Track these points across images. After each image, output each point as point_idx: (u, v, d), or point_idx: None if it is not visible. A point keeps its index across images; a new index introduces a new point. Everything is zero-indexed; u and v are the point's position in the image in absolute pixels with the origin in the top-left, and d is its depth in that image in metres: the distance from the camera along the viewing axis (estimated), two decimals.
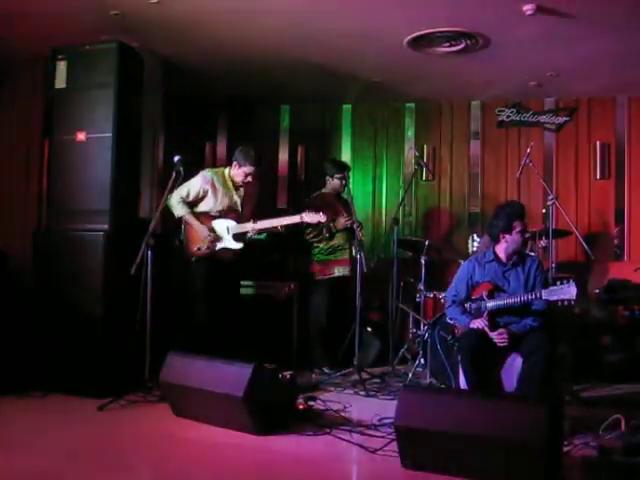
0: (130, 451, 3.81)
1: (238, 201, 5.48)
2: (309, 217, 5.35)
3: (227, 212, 5.41)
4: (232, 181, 5.46)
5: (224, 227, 5.36)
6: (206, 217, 5.35)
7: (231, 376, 4.07)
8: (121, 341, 4.96)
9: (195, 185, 5.33)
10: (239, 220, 5.38)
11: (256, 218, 5.37)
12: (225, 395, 4.02)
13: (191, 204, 5.35)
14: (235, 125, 7.83)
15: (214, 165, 7.15)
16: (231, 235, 5.35)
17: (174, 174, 4.98)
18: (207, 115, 7.68)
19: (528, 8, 4.78)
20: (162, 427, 4.23)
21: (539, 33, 5.28)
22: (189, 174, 5.31)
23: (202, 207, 5.38)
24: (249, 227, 5.34)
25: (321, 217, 5.34)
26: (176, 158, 4.99)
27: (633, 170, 7.01)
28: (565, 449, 3.64)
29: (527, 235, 4.60)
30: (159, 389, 4.64)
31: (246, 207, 5.53)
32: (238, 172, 5.41)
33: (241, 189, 5.49)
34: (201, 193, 5.34)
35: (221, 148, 7.84)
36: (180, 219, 5.33)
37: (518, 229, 4.51)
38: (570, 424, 4.06)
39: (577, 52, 5.70)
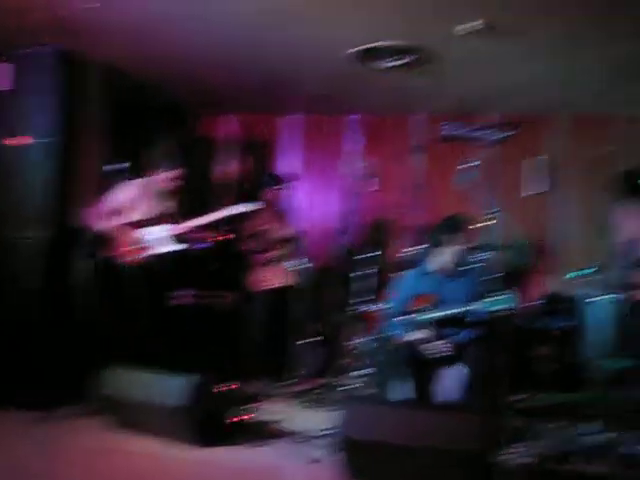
0: (67, 466, 3.71)
1: (169, 207, 5.44)
2: (244, 207, 5.42)
3: (160, 218, 5.35)
4: (161, 187, 5.42)
5: (159, 233, 5.29)
6: (136, 226, 5.27)
7: (172, 388, 4.03)
8: (59, 352, 4.83)
9: (122, 195, 5.24)
10: (174, 224, 5.35)
11: (188, 219, 5.36)
12: (166, 407, 3.97)
13: (121, 214, 5.27)
14: (180, 134, 7.74)
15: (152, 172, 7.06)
16: (169, 238, 5.30)
17: (113, 183, 4.90)
18: (147, 122, 7.56)
19: (473, 25, 4.88)
20: (101, 440, 4.15)
21: (483, 50, 5.38)
22: (127, 181, 5.26)
23: (135, 216, 5.29)
24: (188, 226, 5.32)
25: (257, 204, 5.46)
26: (119, 166, 4.91)
27: (571, 184, 7.19)
28: (502, 458, 3.69)
29: (466, 247, 4.67)
30: (98, 401, 4.53)
31: (175, 210, 5.50)
32: (164, 177, 5.39)
33: (170, 195, 5.46)
34: (128, 201, 5.26)
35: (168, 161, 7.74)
36: (111, 231, 5.22)
37: (458, 241, 4.58)
38: (507, 433, 4.13)
39: (520, 70, 5.83)
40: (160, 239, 5.28)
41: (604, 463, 3.74)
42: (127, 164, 4.96)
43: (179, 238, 5.33)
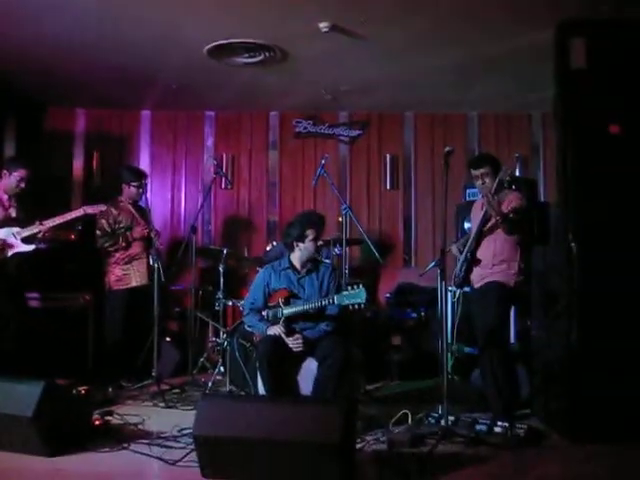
0: None
1: (13, 211, 5.29)
2: (91, 208, 5.50)
3: (6, 222, 5.19)
4: (5, 193, 5.27)
5: (10, 234, 5.13)
6: None
7: (20, 395, 3.81)
8: None
9: None
10: (22, 225, 5.19)
11: (41, 219, 5.23)
12: (13, 416, 3.77)
13: None
14: (25, 128, 7.36)
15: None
16: (19, 240, 5.14)
17: None
18: None
19: (324, 26, 5.00)
20: None
21: (333, 50, 5.52)
22: None
23: None
24: (36, 228, 5.20)
25: (101, 207, 5.56)
26: None
27: (419, 181, 7.53)
28: (358, 446, 3.82)
29: (319, 243, 4.77)
30: None
31: (21, 212, 5.34)
32: (10, 180, 5.25)
33: (14, 204, 5.31)
34: None
35: (9, 152, 7.33)
36: None
37: (311, 237, 4.68)
38: (363, 422, 4.29)
39: (368, 70, 6.04)
40: (11, 240, 5.11)
41: (453, 443, 3.97)
42: None
43: (30, 239, 5.18)
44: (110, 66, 5.98)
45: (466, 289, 5.09)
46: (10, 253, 5.12)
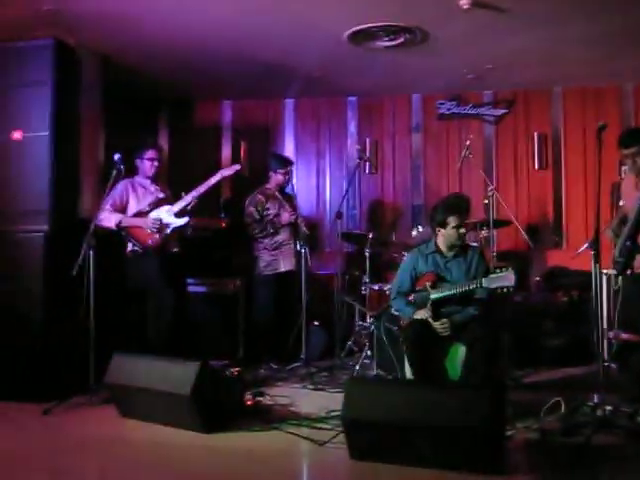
0: (76, 454, 3.76)
1: (160, 194, 5.52)
2: (227, 170, 5.58)
3: (157, 204, 5.42)
4: (147, 179, 5.50)
5: (163, 213, 5.36)
6: (141, 215, 5.34)
7: (177, 375, 4.04)
8: (64, 343, 4.87)
9: (117, 191, 5.32)
10: (171, 203, 5.43)
11: (185, 193, 5.44)
12: (172, 394, 3.99)
13: (121, 211, 5.33)
14: (176, 122, 7.76)
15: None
16: (173, 215, 5.36)
17: (115, 172, 4.93)
18: (148, 112, 7.58)
19: (464, 3, 4.86)
20: (108, 429, 4.19)
21: (475, 27, 5.37)
22: (131, 172, 5.34)
23: (131, 211, 5.38)
24: (186, 199, 5.39)
25: (236, 167, 5.61)
26: (116, 156, 4.92)
27: (569, 160, 7.20)
28: (509, 433, 3.73)
29: (462, 230, 4.64)
30: (105, 391, 4.55)
31: (168, 193, 5.60)
32: (145, 164, 5.47)
33: (156, 186, 5.55)
34: (125, 197, 5.36)
35: (163, 146, 7.75)
36: (119, 226, 5.26)
37: (452, 224, 4.58)
38: (513, 409, 4.16)
39: (511, 45, 5.81)
40: (166, 219, 5.35)
41: (611, 434, 3.78)
42: (122, 153, 4.95)
43: (182, 213, 5.40)
44: (254, 59, 6.16)
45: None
46: (169, 230, 5.35)
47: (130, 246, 5.33)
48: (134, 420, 4.28)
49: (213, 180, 5.47)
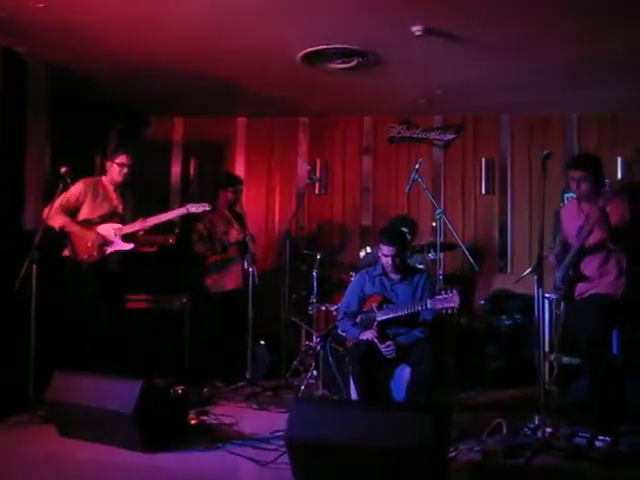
0: (11, 474, 3.64)
1: (119, 206, 5.36)
2: (194, 207, 5.41)
3: (109, 217, 5.26)
4: (111, 185, 5.34)
5: (111, 230, 5.22)
6: (89, 225, 5.18)
7: (120, 392, 3.96)
8: (2, 358, 4.74)
9: (72, 193, 5.15)
10: (124, 222, 5.30)
11: (144, 217, 5.31)
12: (114, 412, 3.91)
13: (71, 213, 5.17)
14: (126, 136, 7.66)
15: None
16: (119, 237, 5.22)
17: (61, 186, 4.83)
18: (97, 125, 7.47)
19: (417, 29, 4.94)
20: (47, 448, 4.07)
21: (428, 53, 5.44)
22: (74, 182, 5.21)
23: (82, 215, 5.21)
24: (138, 225, 5.27)
25: (205, 206, 5.43)
26: (63, 169, 4.82)
27: (515, 186, 7.36)
28: (451, 455, 3.75)
29: (395, 261, 4.65)
30: (45, 408, 4.44)
31: (128, 209, 5.48)
32: (114, 168, 5.29)
33: (119, 196, 5.38)
34: (80, 200, 5.18)
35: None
36: (62, 230, 5.12)
37: (383, 252, 4.64)
38: (456, 431, 4.19)
39: (463, 73, 5.94)
40: (111, 237, 5.20)
41: (550, 456, 3.84)
42: (68, 166, 4.84)
43: (129, 237, 5.27)
44: (207, 76, 6.14)
45: None
46: (109, 251, 5.19)
47: (66, 250, 5.19)
48: (74, 439, 4.17)
49: (176, 213, 5.42)
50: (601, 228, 4.18)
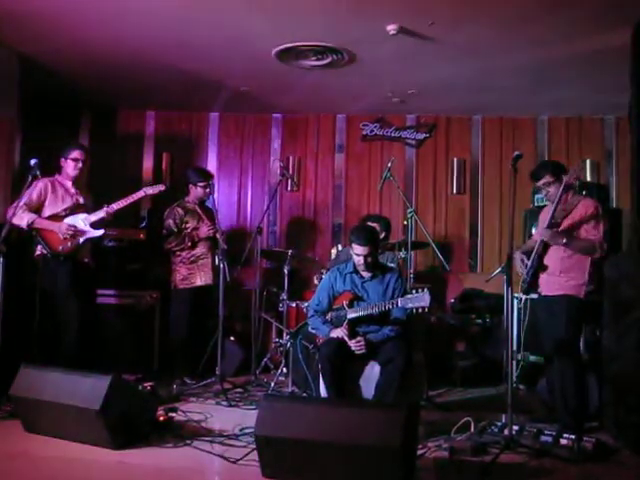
0: None
1: (80, 198, 5.38)
2: (151, 189, 5.49)
3: (74, 209, 5.28)
4: (69, 180, 5.35)
5: (79, 220, 5.24)
6: (56, 219, 5.18)
7: (87, 389, 3.90)
8: None
9: (35, 190, 5.15)
10: (90, 212, 5.30)
11: (107, 204, 5.32)
12: (80, 409, 3.86)
13: (35, 211, 5.16)
14: (98, 128, 7.58)
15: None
16: (89, 225, 5.25)
17: (30, 178, 4.77)
18: (68, 117, 7.37)
19: (391, 28, 4.97)
20: (12, 445, 4.00)
21: (401, 52, 5.49)
22: (56, 171, 5.27)
23: (47, 211, 5.21)
24: (103, 212, 5.28)
25: (160, 187, 5.55)
26: (32, 161, 4.76)
27: (486, 186, 7.42)
28: (420, 452, 3.78)
29: (367, 260, 4.66)
30: (9, 404, 4.38)
31: (88, 199, 5.46)
32: (68, 164, 5.31)
33: (77, 190, 5.39)
34: (42, 197, 5.19)
35: None
36: (30, 226, 5.08)
37: (355, 251, 4.65)
38: (425, 428, 4.24)
39: (436, 73, 5.98)
40: (81, 227, 5.22)
41: (516, 453, 3.88)
42: (39, 159, 4.79)
43: (97, 224, 5.29)
44: (180, 70, 6.10)
45: (533, 296, 4.97)
46: (82, 239, 5.23)
47: (39, 249, 5.14)
48: (40, 436, 4.11)
49: (135, 197, 5.39)
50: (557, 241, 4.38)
